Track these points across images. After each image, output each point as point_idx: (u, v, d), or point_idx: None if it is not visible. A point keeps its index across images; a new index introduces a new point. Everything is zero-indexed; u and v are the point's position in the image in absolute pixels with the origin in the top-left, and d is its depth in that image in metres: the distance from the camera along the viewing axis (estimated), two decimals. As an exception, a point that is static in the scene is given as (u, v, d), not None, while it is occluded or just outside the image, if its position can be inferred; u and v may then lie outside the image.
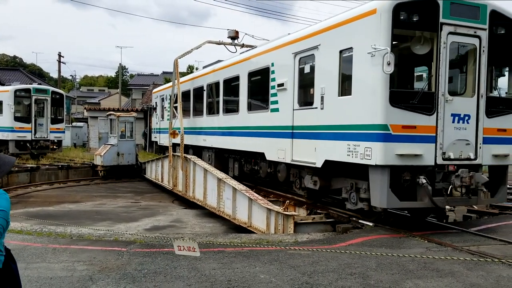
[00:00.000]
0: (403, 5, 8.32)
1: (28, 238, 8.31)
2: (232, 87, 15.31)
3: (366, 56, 8.50)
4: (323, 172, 10.44)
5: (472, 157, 8.92)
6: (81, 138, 45.05)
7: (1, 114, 25.67)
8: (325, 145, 9.90)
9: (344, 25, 9.43)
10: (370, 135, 8.54)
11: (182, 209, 16.22)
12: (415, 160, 8.46)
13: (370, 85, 8.53)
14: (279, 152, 11.90)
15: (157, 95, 26.83)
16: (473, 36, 8.88)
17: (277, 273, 6.27)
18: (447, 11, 8.58)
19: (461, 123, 8.84)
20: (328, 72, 9.87)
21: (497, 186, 9.72)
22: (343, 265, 6.66)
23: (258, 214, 10.96)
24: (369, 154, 8.54)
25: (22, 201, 17.32)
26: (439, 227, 9.59)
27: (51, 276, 6.05)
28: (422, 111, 8.50)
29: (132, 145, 24.63)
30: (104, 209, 15.90)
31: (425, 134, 8.52)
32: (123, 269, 6.39)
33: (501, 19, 9.20)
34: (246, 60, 14.31)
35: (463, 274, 6.32)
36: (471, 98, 9.02)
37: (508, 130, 9.43)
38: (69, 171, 24.02)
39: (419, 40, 8.84)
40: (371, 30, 8.52)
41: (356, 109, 8.96)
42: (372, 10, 8.55)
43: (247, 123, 14.06)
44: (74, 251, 7.39)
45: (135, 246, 7.81)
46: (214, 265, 6.65)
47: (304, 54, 10.89)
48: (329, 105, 9.82)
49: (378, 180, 8.50)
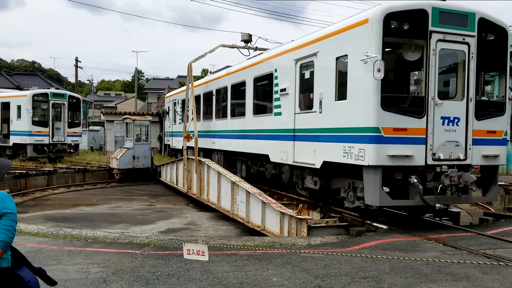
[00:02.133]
0: (393, 14, 8.83)
1: (44, 241, 8.45)
2: (239, 92, 15.94)
3: (359, 63, 9.03)
4: (322, 173, 10.97)
5: (461, 157, 9.38)
6: (97, 142, 45.83)
7: (19, 118, 26.32)
8: (324, 147, 10.44)
9: (340, 34, 9.97)
10: (363, 137, 9.06)
11: (197, 212, 16.39)
12: (406, 160, 8.96)
13: (363, 90, 9.05)
14: (282, 154, 12.46)
15: (169, 99, 27.57)
16: (462, 43, 9.35)
17: (289, 276, 6.31)
18: (436, 19, 9.06)
19: (450, 125, 9.30)
20: (326, 77, 10.42)
21: (489, 185, 10.18)
22: (356, 268, 6.66)
23: (272, 218, 11.06)
24: (362, 155, 9.06)
25: (40, 204, 17.66)
26: (454, 230, 9.60)
27: (66, 278, 6.15)
28: (413, 114, 9.00)
29: (147, 148, 24.74)
30: (120, 212, 16.10)
31: (415, 136, 9.01)
32: (137, 271, 6.50)
33: (490, 26, 9.65)
34: (252, 66, 14.92)
35: (478, 278, 6.23)
36: (460, 101, 9.48)
37: (498, 132, 9.86)
38: (86, 174, 24.26)
39: (410, 47, 9.35)
40: (364, 39, 9.05)
41: (351, 113, 9.49)
42: (364, 19, 9.09)
43: (253, 126, 14.66)
44: (89, 253, 7.52)
45: (149, 248, 7.90)
46: (227, 267, 6.71)
47: (304, 60, 11.46)
48: (327, 109, 10.36)
49: (371, 179, 9.01)
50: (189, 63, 18.89)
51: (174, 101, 26.00)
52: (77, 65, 46.66)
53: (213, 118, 18.82)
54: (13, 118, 26.80)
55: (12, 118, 26.91)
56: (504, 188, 16.82)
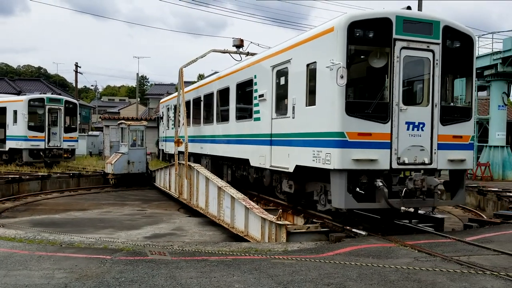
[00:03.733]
0: (358, 23, 9.11)
1: (18, 246, 8.38)
2: (224, 98, 16.26)
3: (326, 70, 9.32)
4: (296, 177, 11.24)
5: (427, 161, 9.63)
6: (97, 147, 46.26)
7: (15, 123, 26.76)
8: (296, 151, 10.73)
9: (310, 41, 10.28)
10: (329, 141, 9.34)
11: (186, 217, 16.35)
12: (371, 164, 9.22)
13: (330, 96, 9.33)
14: (261, 158, 12.76)
15: (163, 105, 27.98)
16: (426, 50, 9.61)
17: (252, 283, 6.25)
18: (400, 27, 9.34)
19: (415, 130, 9.55)
20: (298, 84, 10.72)
21: (456, 189, 10.42)
22: (323, 275, 6.62)
23: (254, 223, 11.08)
24: (329, 159, 9.33)
25: (30, 209, 17.64)
26: (434, 236, 9.54)
27: (27, 284, 6.12)
28: (377, 119, 9.27)
29: (142, 154, 24.76)
30: (109, 217, 16.08)
31: (380, 140, 9.27)
32: (101, 277, 6.44)
33: (455, 34, 9.92)
34: (235, 72, 15.27)
35: (445, 286, 6.18)
36: (425, 107, 9.74)
37: (464, 137, 10.11)
38: (80, 179, 24.28)
39: (376, 55, 9.64)
40: (330, 46, 9.35)
41: (319, 118, 9.77)
42: (330, 28, 9.39)
43: (235, 131, 14.98)
44: (58, 258, 7.45)
45: (120, 254, 7.83)
46: (193, 273, 6.69)
47: (280, 67, 11.77)
48: (299, 114, 10.66)
49: (337, 183, 9.27)
50: (180, 68, 18.74)
51: (168, 107, 26.40)
52: (77, 70, 47.25)
53: (201, 123, 19.16)
54: (9, 123, 27.25)
55: (8, 123, 27.35)
56: (496, 194, 16.87)
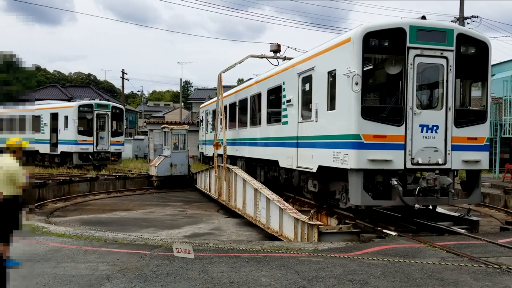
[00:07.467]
0: (373, 33, 9.81)
1: (67, 241, 9.04)
2: (257, 103, 17.20)
3: (344, 77, 10.06)
4: (320, 176, 12.00)
5: (441, 162, 10.18)
6: (142, 150, 48.05)
7: (66, 128, 28.35)
8: (318, 152, 11.50)
9: (331, 50, 11.05)
10: (347, 143, 10.06)
11: (225, 218, 16.90)
12: (386, 164, 9.88)
13: (347, 101, 10.07)
14: (288, 160, 13.58)
15: (203, 110, 29.20)
16: (440, 57, 10.18)
17: (279, 277, 6.51)
18: (414, 36, 9.96)
19: (429, 132, 10.13)
20: (320, 90, 11.50)
21: (472, 188, 10.90)
22: (348, 271, 6.79)
23: (288, 223, 11.50)
24: (346, 159, 10.06)
25: (79, 209, 18.75)
26: (466, 238, 9.55)
27: (74, 274, 6.69)
28: (392, 122, 9.92)
29: (184, 157, 25.72)
30: (152, 217, 16.78)
31: (394, 142, 9.92)
32: (140, 269, 6.91)
33: (469, 41, 10.44)
34: (266, 79, 16.19)
35: (467, 284, 6.20)
36: (439, 111, 10.30)
37: (479, 138, 10.58)
38: (126, 181, 25.37)
39: (391, 62, 10.30)
40: (347, 55, 10.09)
41: (338, 122, 10.52)
42: (348, 38, 10.14)
43: (266, 134, 15.88)
44: (102, 253, 7.97)
45: (159, 250, 8.28)
46: (224, 268, 7.02)
47: (305, 74, 12.58)
48: (321, 118, 11.43)
49: (354, 181, 9.99)
50: (219, 73, 19.48)
51: (207, 111, 27.58)
52: (123, 77, 49.33)
53: (236, 127, 20.16)
54: (60, 128, 28.90)
55: (60, 128, 29.01)
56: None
